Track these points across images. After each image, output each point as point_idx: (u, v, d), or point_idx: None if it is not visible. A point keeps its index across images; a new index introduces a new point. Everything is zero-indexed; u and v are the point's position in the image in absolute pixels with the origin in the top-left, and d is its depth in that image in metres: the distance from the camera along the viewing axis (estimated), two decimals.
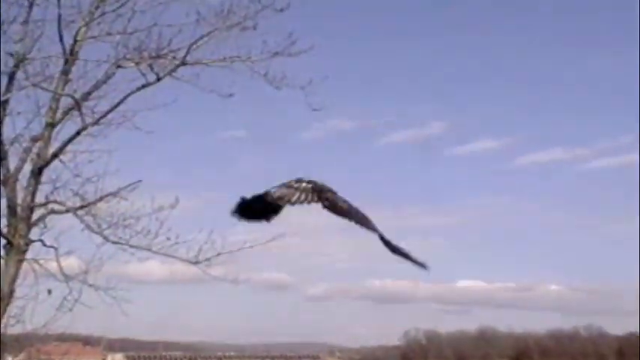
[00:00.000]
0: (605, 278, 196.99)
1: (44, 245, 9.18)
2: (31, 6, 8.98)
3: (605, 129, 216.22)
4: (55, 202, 9.24)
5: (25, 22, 8.96)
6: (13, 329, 9.52)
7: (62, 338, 14.07)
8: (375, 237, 3.24)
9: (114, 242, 9.22)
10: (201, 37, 9.07)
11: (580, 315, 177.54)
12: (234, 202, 3.32)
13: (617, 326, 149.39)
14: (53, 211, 9.21)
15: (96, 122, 9.33)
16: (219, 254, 9.26)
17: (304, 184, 3.05)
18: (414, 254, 3.25)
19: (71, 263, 9.48)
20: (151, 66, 9.01)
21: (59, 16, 8.77)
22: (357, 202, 3.35)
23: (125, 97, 9.19)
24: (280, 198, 3.12)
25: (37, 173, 9.11)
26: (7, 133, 9.15)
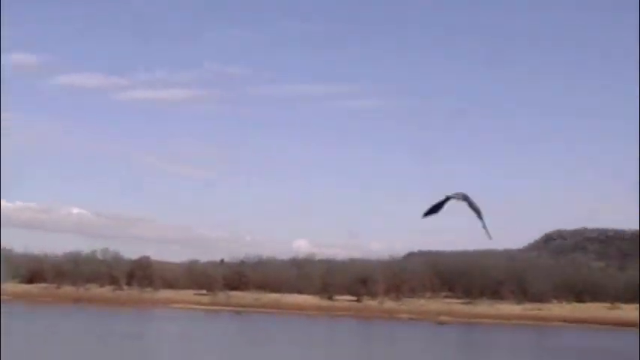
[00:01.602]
0: (126, 206, 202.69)
1: None
2: None
3: (143, 61, 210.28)
4: None
5: None
6: None
7: None
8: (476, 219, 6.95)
9: None
10: None
11: (100, 239, 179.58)
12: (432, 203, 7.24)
13: (131, 251, 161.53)
14: None
15: None
16: None
17: (461, 194, 7.11)
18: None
19: None
20: None
21: None
22: None
23: None
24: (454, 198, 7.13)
25: None
26: None
